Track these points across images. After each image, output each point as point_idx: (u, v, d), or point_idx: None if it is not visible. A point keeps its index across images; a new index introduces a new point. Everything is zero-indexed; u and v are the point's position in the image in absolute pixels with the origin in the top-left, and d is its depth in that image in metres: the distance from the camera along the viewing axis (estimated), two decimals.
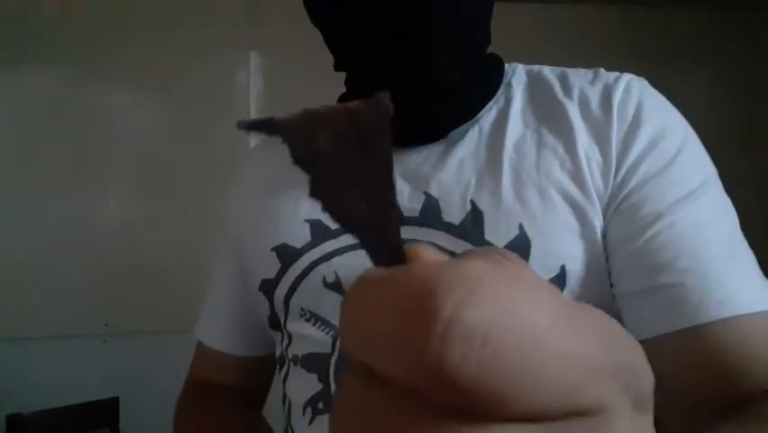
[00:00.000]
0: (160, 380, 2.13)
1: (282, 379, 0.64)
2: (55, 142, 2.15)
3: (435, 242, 0.53)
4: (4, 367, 1.96)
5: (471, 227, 0.53)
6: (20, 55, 2.17)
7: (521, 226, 0.52)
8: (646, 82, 0.57)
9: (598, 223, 0.52)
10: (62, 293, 2.06)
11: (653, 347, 0.44)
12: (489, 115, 0.58)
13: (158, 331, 2.10)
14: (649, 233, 0.50)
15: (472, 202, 0.54)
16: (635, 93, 0.55)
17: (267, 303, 0.62)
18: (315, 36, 0.61)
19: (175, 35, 2.26)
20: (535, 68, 0.62)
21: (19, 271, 2.06)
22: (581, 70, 0.59)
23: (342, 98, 0.63)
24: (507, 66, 0.62)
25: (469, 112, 0.58)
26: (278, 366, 0.66)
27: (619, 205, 0.52)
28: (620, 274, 0.52)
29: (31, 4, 2.19)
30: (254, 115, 2.27)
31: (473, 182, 0.55)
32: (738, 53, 2.67)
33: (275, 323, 0.64)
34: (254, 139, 2.26)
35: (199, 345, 0.75)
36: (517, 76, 0.61)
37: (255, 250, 0.64)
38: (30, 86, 2.17)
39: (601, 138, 0.53)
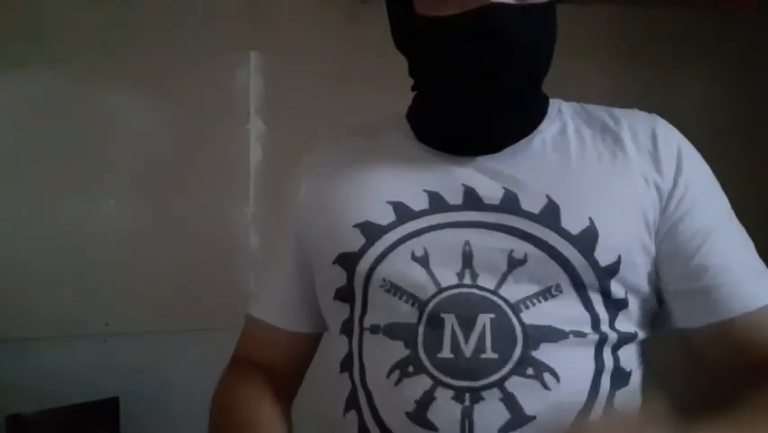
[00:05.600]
0: (160, 380, 2.13)
1: (355, 346, 0.69)
2: (55, 142, 2.14)
3: (518, 226, 0.65)
4: (4, 367, 1.96)
5: (549, 216, 0.65)
6: (20, 55, 2.16)
7: (591, 219, 0.65)
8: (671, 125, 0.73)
9: (651, 228, 0.68)
10: (62, 293, 2.05)
11: (703, 334, 0.67)
12: (549, 130, 0.72)
13: (158, 331, 2.10)
14: (692, 248, 0.67)
15: (548, 196, 0.66)
16: (674, 137, 0.72)
17: (344, 274, 0.70)
18: (316, 36, 0.61)
19: (175, 35, 2.25)
20: (576, 103, 0.77)
21: (19, 271, 2.05)
22: (620, 109, 0.75)
23: (414, 106, 0.76)
24: (551, 99, 0.76)
25: (531, 127, 0.72)
26: (341, 335, 0.72)
27: (669, 228, 0.68)
28: (672, 276, 0.69)
29: (31, 3, 2.19)
30: (254, 114, 2.27)
31: (546, 181, 0.67)
32: (737, 53, 2.67)
33: (347, 294, 0.70)
34: (254, 141, 2.27)
35: (251, 322, 0.83)
36: (565, 106, 0.76)
37: (331, 228, 0.72)
38: (30, 86, 2.17)
39: (653, 165, 0.69)
